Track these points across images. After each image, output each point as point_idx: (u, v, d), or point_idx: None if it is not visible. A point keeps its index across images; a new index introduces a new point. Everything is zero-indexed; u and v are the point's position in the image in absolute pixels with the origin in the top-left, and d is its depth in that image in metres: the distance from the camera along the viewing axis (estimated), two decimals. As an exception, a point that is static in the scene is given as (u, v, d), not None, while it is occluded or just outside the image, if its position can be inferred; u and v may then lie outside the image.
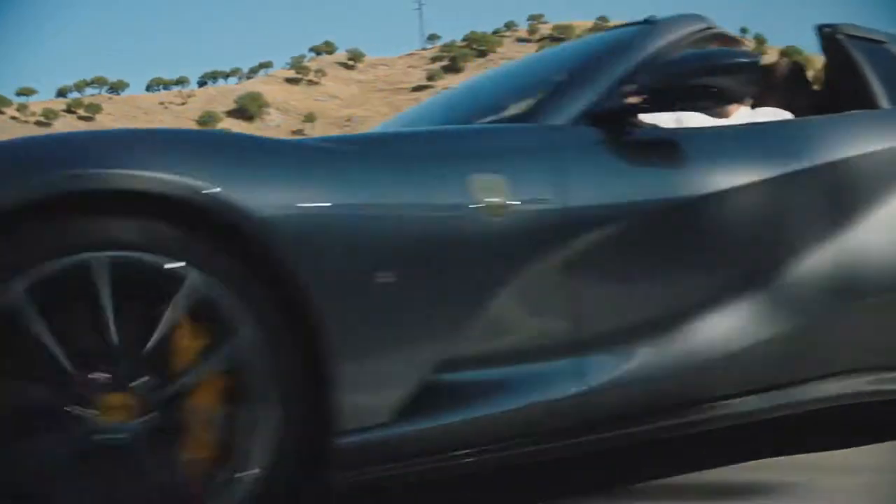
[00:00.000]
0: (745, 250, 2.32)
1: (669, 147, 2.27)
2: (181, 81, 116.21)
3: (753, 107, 2.79)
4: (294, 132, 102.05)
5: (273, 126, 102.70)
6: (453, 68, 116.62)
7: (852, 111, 2.63)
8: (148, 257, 1.64)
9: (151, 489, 1.60)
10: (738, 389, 2.23)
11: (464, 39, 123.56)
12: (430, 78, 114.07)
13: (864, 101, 2.62)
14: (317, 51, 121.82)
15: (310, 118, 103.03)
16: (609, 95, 2.26)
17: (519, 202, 1.97)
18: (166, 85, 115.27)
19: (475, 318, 1.91)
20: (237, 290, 1.68)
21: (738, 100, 2.49)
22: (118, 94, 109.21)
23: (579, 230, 2.03)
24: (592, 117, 2.21)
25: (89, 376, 1.61)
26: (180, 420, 1.65)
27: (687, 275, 2.24)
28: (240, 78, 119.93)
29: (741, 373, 2.23)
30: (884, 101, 2.67)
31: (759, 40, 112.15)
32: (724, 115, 2.65)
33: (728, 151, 2.36)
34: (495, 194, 1.94)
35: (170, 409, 1.65)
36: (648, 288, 2.18)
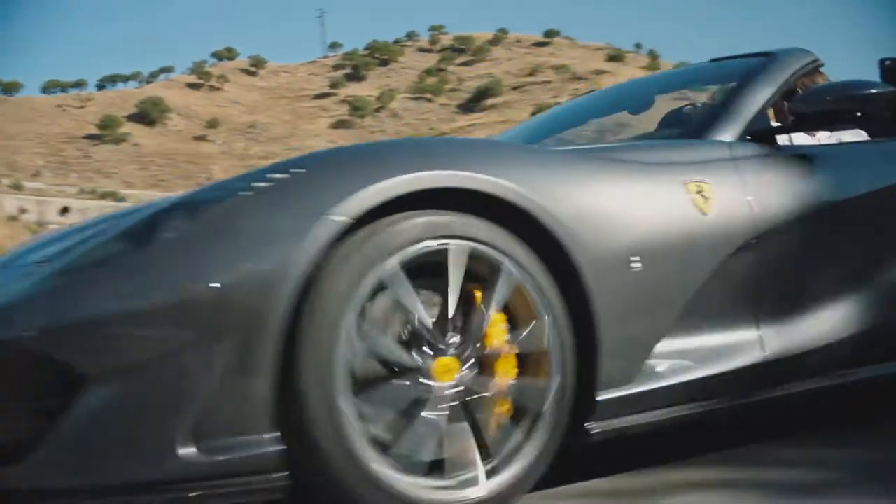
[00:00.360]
0: (868, 246, 2.65)
1: (812, 160, 2.57)
2: (79, 84, 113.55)
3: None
4: (197, 137, 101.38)
5: (175, 131, 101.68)
6: (356, 76, 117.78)
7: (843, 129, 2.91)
8: (484, 249, 1.88)
9: (464, 438, 1.84)
10: (867, 359, 2.58)
11: (366, 48, 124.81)
12: (333, 86, 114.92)
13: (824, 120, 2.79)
14: (218, 56, 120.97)
15: (212, 124, 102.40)
16: (759, 118, 2.59)
17: (718, 202, 2.27)
18: (63, 87, 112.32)
19: (692, 296, 2.19)
20: (539, 282, 1.94)
21: (854, 126, 2.79)
22: (12, 95, 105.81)
23: (758, 225, 2.31)
24: (751, 134, 2.53)
25: (444, 340, 1.86)
26: (489, 385, 1.89)
27: (829, 265, 2.56)
28: (140, 82, 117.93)
29: (869, 346, 2.56)
30: (859, 119, 2.87)
31: (653, 55, 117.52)
32: (811, 135, 2.87)
33: (855, 165, 2.73)
34: (704, 195, 2.26)
35: (483, 375, 1.90)
36: (806, 273, 2.50)
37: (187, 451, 1.66)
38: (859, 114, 2.56)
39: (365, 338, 1.79)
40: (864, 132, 2.88)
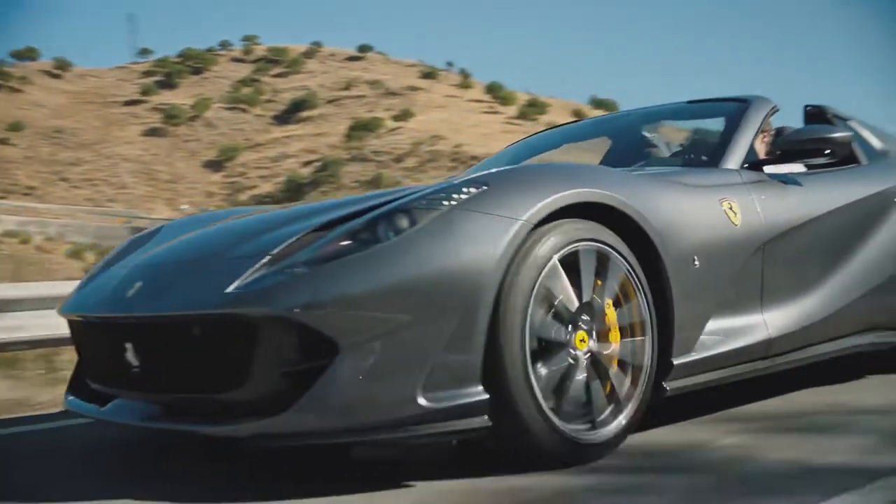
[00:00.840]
0: (837, 246, 3.49)
1: (793, 183, 3.37)
2: None
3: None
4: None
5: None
6: (168, 84, 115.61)
7: (858, 165, 3.80)
8: (606, 249, 2.52)
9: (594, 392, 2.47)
10: (848, 332, 3.50)
11: (178, 55, 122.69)
12: (144, 92, 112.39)
13: (849, 159, 3.70)
14: (18, 56, 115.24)
15: (15, 127, 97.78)
16: (750, 151, 3.38)
17: (741, 215, 3.02)
18: None
19: (727, 286, 2.94)
20: (637, 273, 2.59)
21: (838, 158, 3.44)
22: None
23: (766, 232, 3.09)
24: (748, 164, 3.34)
25: (582, 319, 2.47)
26: (608, 349, 2.54)
27: (814, 262, 3.39)
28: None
29: (849, 323, 3.49)
30: (863, 159, 3.85)
31: (464, 74, 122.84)
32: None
33: (822, 186, 3.52)
34: (733, 210, 3.01)
35: (602, 342, 2.52)
36: (795, 270, 3.29)
37: (422, 400, 2.17)
38: (826, 151, 3.30)
39: (539, 318, 2.34)
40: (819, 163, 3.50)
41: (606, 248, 2.53)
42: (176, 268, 2.65)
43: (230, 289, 2.24)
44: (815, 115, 4.00)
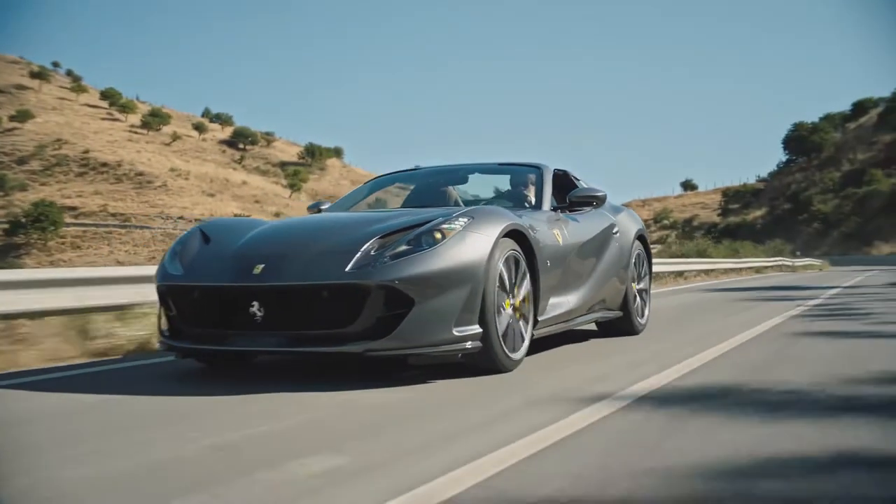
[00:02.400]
0: (594, 258, 5.78)
1: (574, 220, 5.60)
2: None
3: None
4: None
5: None
6: None
7: (591, 209, 5.87)
8: (517, 254, 4.49)
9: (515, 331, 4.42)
10: (588, 311, 5.67)
11: None
12: None
13: (584, 203, 5.67)
14: None
15: None
16: (549, 200, 5.56)
17: (559, 238, 5.16)
18: None
19: (558, 278, 5.05)
20: (527, 268, 4.59)
21: (598, 207, 5.80)
22: None
23: (566, 248, 5.23)
24: (552, 208, 5.52)
25: (513, 294, 4.44)
26: (519, 306, 4.49)
27: (584, 266, 5.59)
28: None
29: (588, 304, 5.62)
30: (601, 206, 5.97)
31: (75, 78, 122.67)
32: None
33: (588, 222, 5.82)
34: (557, 235, 5.17)
35: (516, 306, 4.47)
36: (574, 269, 5.40)
37: (454, 331, 4.04)
38: (593, 203, 5.67)
39: (498, 289, 4.27)
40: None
41: (518, 254, 4.57)
42: (292, 254, 4.23)
43: (348, 268, 4.00)
44: (562, 176, 6.38)
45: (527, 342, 4.56)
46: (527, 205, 5.57)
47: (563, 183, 6.31)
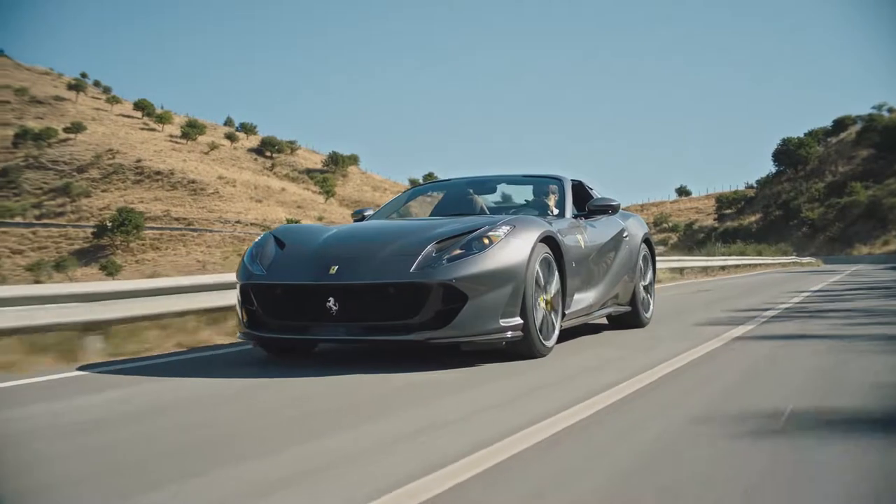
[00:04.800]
0: (609, 260, 6.75)
1: (592, 226, 6.53)
2: None
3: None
4: None
5: None
6: None
7: (605, 216, 6.68)
8: (550, 256, 5.43)
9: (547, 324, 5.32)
10: (603, 306, 6.59)
11: None
12: None
13: (601, 211, 6.51)
14: None
15: None
16: (571, 208, 6.56)
17: (583, 241, 6.17)
18: None
19: (583, 277, 6.06)
20: (557, 269, 5.53)
21: (612, 214, 6.65)
22: None
23: (588, 250, 6.24)
24: (574, 216, 6.45)
25: (547, 291, 5.36)
26: (555, 303, 5.45)
27: (602, 267, 6.55)
28: None
29: (604, 300, 6.57)
30: (616, 213, 6.74)
31: (107, 90, 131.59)
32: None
33: (606, 227, 6.82)
34: (580, 238, 6.14)
35: (549, 301, 5.40)
36: (597, 269, 6.43)
37: (501, 321, 4.95)
38: (609, 210, 6.51)
39: (536, 283, 5.15)
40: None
41: (550, 256, 5.38)
42: (362, 257, 5.01)
43: (412, 269, 4.78)
44: (578, 186, 7.15)
45: (557, 331, 5.44)
46: (549, 213, 6.44)
47: (579, 192, 7.12)
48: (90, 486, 2.54)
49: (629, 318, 7.15)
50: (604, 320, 7.10)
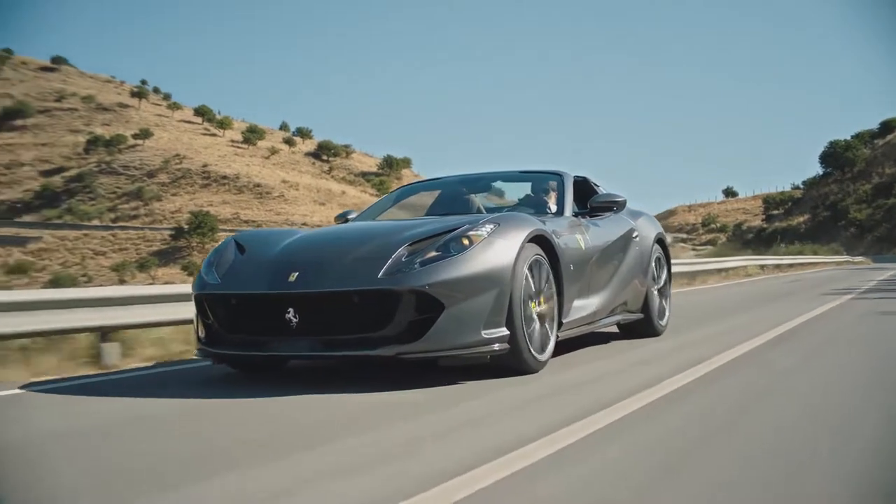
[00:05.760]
0: (615, 262, 6.21)
1: (595, 225, 6.01)
2: None
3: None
4: None
5: None
6: None
7: (610, 214, 6.14)
8: (542, 258, 4.91)
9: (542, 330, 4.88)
10: (610, 314, 6.13)
11: None
12: None
13: (605, 208, 6.02)
14: None
15: None
16: (571, 206, 5.97)
17: (583, 242, 5.63)
18: None
19: (579, 281, 5.47)
20: (551, 271, 5.00)
21: (618, 212, 6.16)
22: None
23: (589, 252, 5.69)
24: (574, 214, 5.91)
25: (539, 297, 4.89)
26: (545, 309, 4.93)
27: (606, 269, 6.02)
28: None
29: (610, 306, 6.09)
30: (621, 211, 6.25)
31: (167, 97, 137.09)
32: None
33: (609, 226, 6.26)
34: (580, 239, 5.61)
35: (539, 306, 4.89)
36: (599, 272, 5.86)
37: (483, 333, 4.41)
38: (614, 208, 6.04)
39: (524, 292, 4.63)
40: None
41: (543, 258, 4.90)
42: (326, 262, 4.57)
43: (380, 275, 4.32)
44: (582, 182, 6.74)
45: (552, 343, 4.98)
46: (548, 211, 5.99)
47: (584, 189, 6.75)
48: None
49: (641, 326, 6.73)
50: (614, 328, 6.79)
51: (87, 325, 6.32)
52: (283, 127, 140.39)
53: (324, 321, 4.43)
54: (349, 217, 6.58)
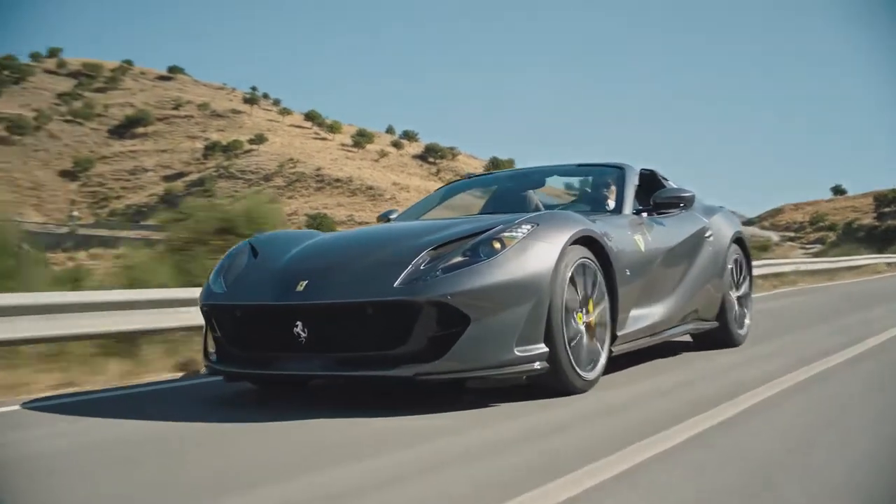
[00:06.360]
0: (682, 266, 5.60)
1: (659, 224, 5.42)
2: None
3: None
4: None
5: None
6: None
7: (680, 212, 5.67)
8: (590, 263, 4.33)
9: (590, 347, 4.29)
10: (678, 323, 5.47)
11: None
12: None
13: (670, 204, 5.50)
14: None
15: None
16: (631, 203, 5.43)
17: (642, 244, 5.02)
18: None
19: (638, 288, 4.87)
20: (601, 277, 4.42)
21: (686, 208, 5.62)
22: None
23: (651, 255, 5.09)
24: (634, 212, 5.31)
25: (585, 304, 4.28)
26: (594, 320, 4.34)
27: (672, 275, 5.42)
28: None
29: (678, 315, 5.45)
30: (689, 207, 5.77)
31: (276, 102, 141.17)
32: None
33: (675, 225, 5.64)
34: (638, 241, 4.99)
35: (588, 323, 4.30)
36: (662, 277, 5.25)
37: (516, 350, 3.87)
38: (681, 204, 5.49)
39: (566, 303, 4.07)
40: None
41: (591, 262, 4.38)
42: (337, 269, 4.12)
43: (396, 284, 3.82)
44: (649, 176, 6.14)
45: (603, 359, 4.46)
46: (606, 209, 5.47)
47: (651, 184, 6.09)
48: None
49: (717, 335, 6.10)
50: (686, 338, 6.17)
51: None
52: (389, 130, 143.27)
53: (335, 336, 3.98)
54: (391, 217, 6.13)
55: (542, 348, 3.95)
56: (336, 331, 3.97)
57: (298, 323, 3.97)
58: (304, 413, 3.95)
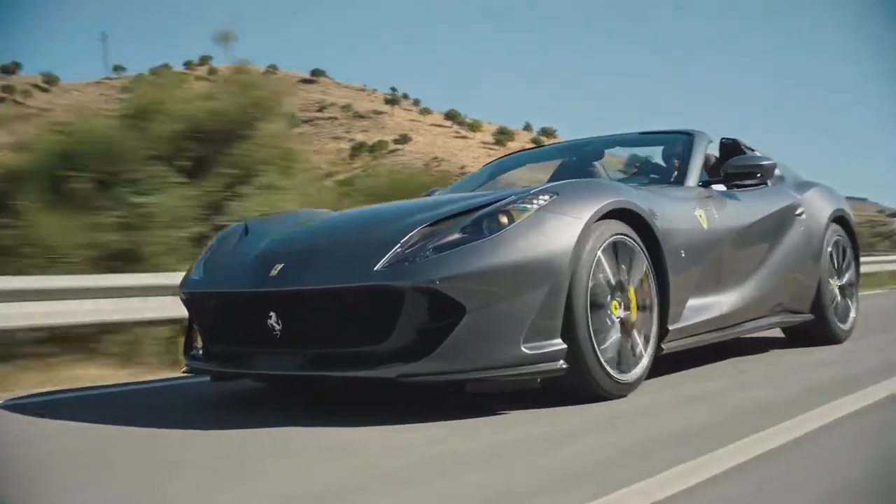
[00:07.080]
0: (764, 248, 4.86)
1: (733, 198, 4.70)
2: None
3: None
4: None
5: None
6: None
7: (766, 186, 4.97)
8: (629, 241, 3.65)
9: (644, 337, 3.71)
10: (757, 315, 4.72)
11: (151, 72, 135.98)
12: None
13: (746, 175, 4.73)
14: (5, 70, 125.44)
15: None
16: (697, 174, 4.69)
17: (707, 221, 4.27)
18: None
19: (699, 273, 4.17)
20: (648, 259, 3.73)
21: (765, 180, 4.78)
22: None
23: (720, 234, 4.38)
24: (702, 183, 4.66)
25: (620, 292, 3.60)
26: (632, 317, 3.63)
27: (749, 258, 4.72)
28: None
29: (756, 306, 4.72)
30: (784, 184, 5.32)
31: (416, 102, 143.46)
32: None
33: (751, 200, 4.87)
34: (701, 218, 4.27)
35: (628, 310, 3.63)
36: (738, 263, 4.60)
37: (524, 348, 3.19)
38: (758, 175, 4.70)
39: (593, 290, 3.43)
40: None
41: (631, 241, 3.69)
42: (316, 252, 3.54)
43: (377, 267, 3.19)
44: (730, 146, 5.31)
45: (646, 359, 3.71)
46: (671, 180, 4.74)
47: (733, 155, 5.15)
48: None
49: (814, 329, 5.34)
50: (776, 332, 5.49)
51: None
52: (527, 127, 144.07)
53: (311, 330, 3.43)
54: (436, 195, 5.37)
55: (559, 344, 3.30)
56: (311, 323, 3.42)
57: (272, 314, 3.43)
58: (305, 412, 3.66)
